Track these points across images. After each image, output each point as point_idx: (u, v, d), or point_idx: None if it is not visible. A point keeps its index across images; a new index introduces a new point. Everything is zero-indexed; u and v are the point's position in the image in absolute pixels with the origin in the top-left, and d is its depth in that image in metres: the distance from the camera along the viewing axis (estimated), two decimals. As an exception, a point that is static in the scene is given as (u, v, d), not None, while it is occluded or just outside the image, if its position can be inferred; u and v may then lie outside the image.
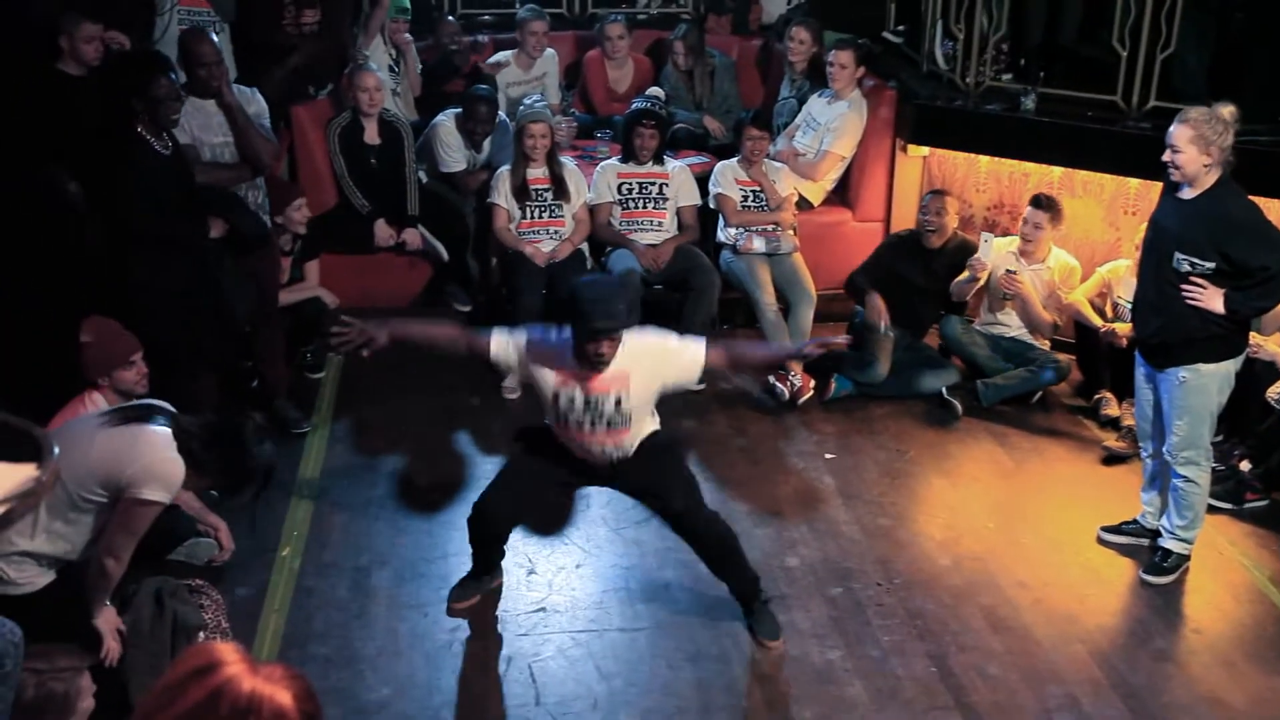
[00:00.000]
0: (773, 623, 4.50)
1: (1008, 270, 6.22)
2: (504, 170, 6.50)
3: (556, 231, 6.51)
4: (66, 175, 5.35)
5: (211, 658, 1.78)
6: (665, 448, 4.43)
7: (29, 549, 3.59)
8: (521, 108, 6.55)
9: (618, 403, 4.15)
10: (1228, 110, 4.46)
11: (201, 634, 3.96)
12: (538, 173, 6.44)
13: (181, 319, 5.03)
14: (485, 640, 4.47)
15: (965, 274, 6.27)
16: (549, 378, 4.18)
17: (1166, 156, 4.49)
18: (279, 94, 6.36)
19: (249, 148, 5.55)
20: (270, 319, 5.86)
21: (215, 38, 5.91)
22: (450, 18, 8.05)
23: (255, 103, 5.71)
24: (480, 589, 4.67)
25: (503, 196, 6.47)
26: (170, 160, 4.94)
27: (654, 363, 4.17)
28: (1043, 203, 6.20)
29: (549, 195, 6.48)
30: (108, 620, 3.76)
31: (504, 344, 4.24)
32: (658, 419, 4.44)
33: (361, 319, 4.29)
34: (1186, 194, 4.54)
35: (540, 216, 6.51)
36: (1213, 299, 4.50)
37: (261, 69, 6.41)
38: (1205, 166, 4.44)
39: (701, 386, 5.79)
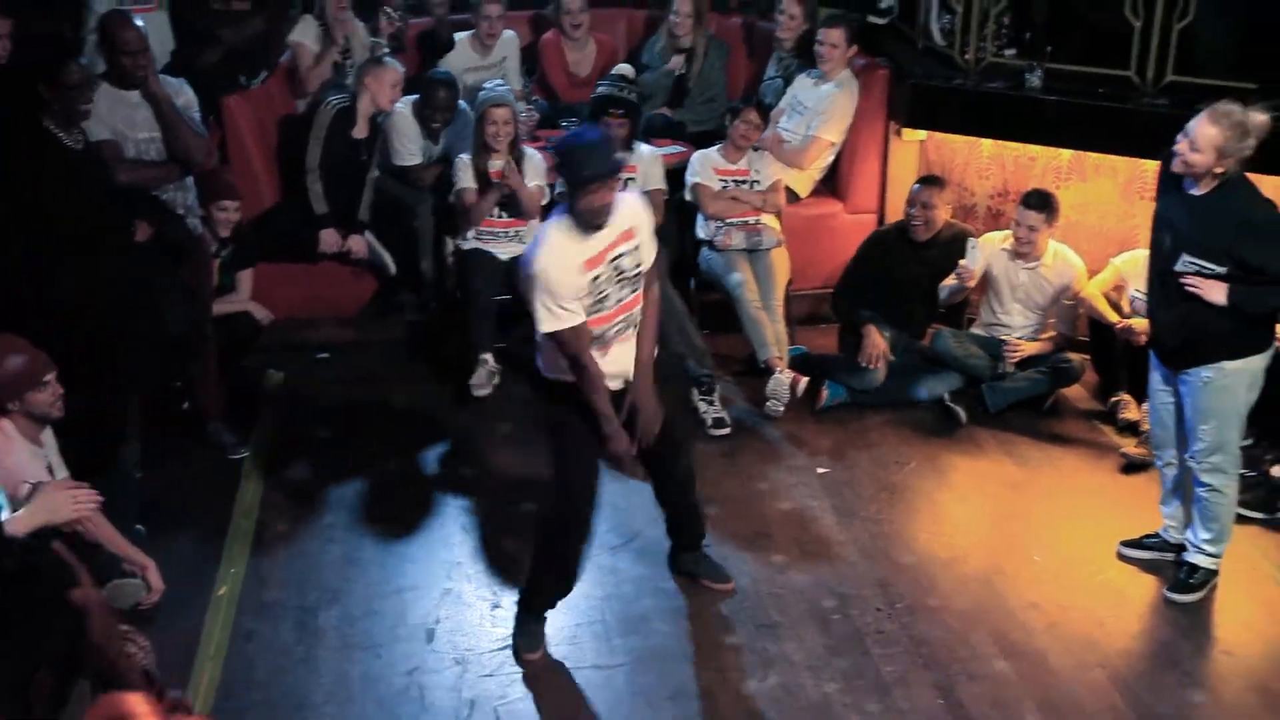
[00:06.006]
0: (718, 567, 4.94)
1: (960, 263, 6.25)
2: (465, 157, 6.47)
3: (518, 233, 6.49)
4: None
5: (119, 710, 1.78)
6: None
7: None
8: (482, 91, 6.52)
9: (635, 255, 4.32)
10: (1260, 120, 4.44)
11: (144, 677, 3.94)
12: (499, 165, 6.43)
13: (104, 333, 4.99)
14: (446, 682, 4.45)
15: (952, 280, 6.29)
16: (581, 272, 4.21)
17: (1181, 147, 4.48)
18: (208, 83, 6.33)
19: (178, 143, 5.53)
20: (203, 334, 5.83)
21: (141, 22, 5.89)
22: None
23: (184, 94, 5.69)
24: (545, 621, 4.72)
25: (469, 180, 6.43)
26: (82, 156, 4.91)
27: (644, 220, 4.40)
28: (1034, 201, 6.21)
29: (507, 191, 6.47)
30: None
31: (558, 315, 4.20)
32: None
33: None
34: (1195, 190, 4.54)
35: (501, 216, 6.49)
36: (1213, 289, 4.51)
37: (188, 55, 6.39)
38: (1215, 174, 4.46)
39: None
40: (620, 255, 4.27)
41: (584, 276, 4.18)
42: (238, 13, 6.79)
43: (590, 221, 4.17)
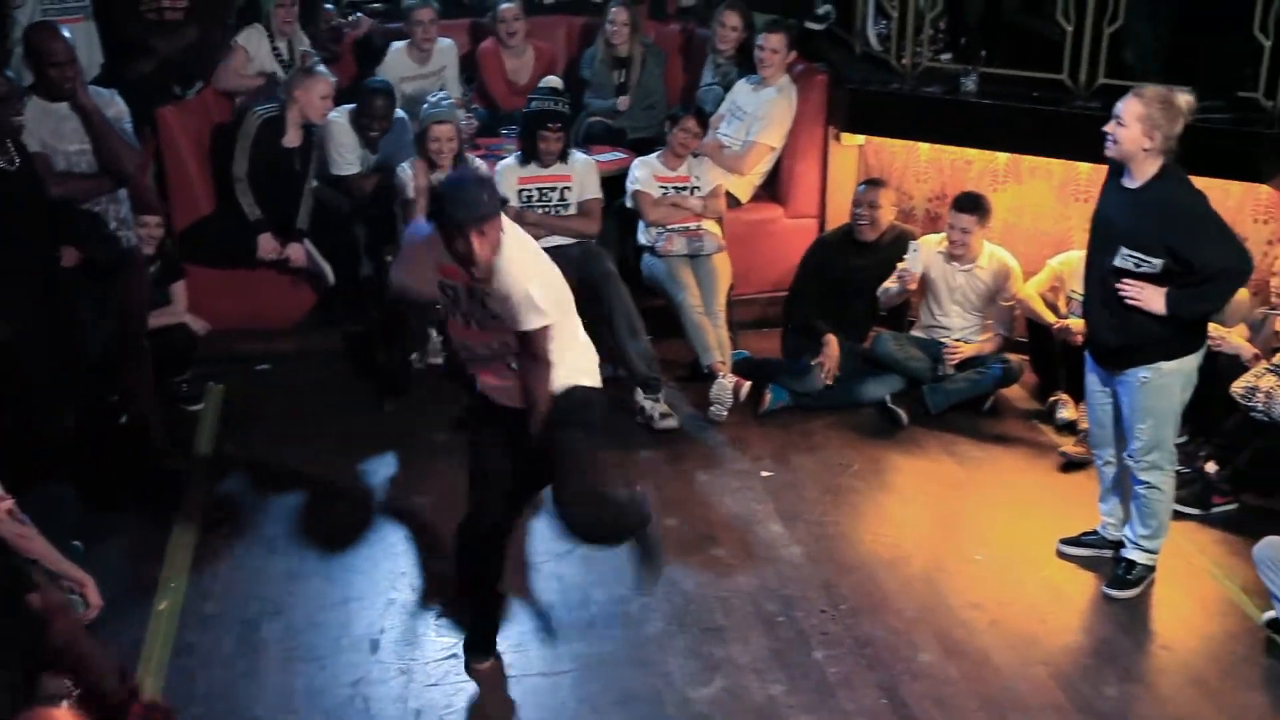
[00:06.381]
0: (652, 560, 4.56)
1: (899, 268, 6.32)
2: (408, 167, 6.41)
3: None
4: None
5: None
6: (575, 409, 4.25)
7: None
8: (426, 105, 6.49)
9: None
10: (1185, 100, 4.55)
11: (65, 703, 3.89)
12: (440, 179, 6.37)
13: (30, 357, 4.94)
14: (391, 693, 4.44)
15: (893, 283, 6.36)
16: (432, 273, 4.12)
17: (1109, 127, 4.59)
18: (142, 94, 6.29)
19: (109, 155, 5.46)
20: (136, 349, 5.77)
21: (68, 32, 5.83)
22: (328, 5, 7.97)
23: (114, 105, 5.62)
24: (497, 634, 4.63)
25: (414, 189, 6.35)
26: (17, 176, 4.85)
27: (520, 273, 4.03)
28: (965, 204, 6.30)
29: None
30: None
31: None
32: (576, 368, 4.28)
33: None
34: (1131, 183, 4.63)
35: None
36: (1153, 298, 4.58)
37: (120, 66, 6.33)
38: (1145, 150, 4.53)
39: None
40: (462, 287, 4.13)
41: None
42: (171, 23, 6.73)
43: (461, 260, 3.97)
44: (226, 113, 7.11)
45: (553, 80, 7.02)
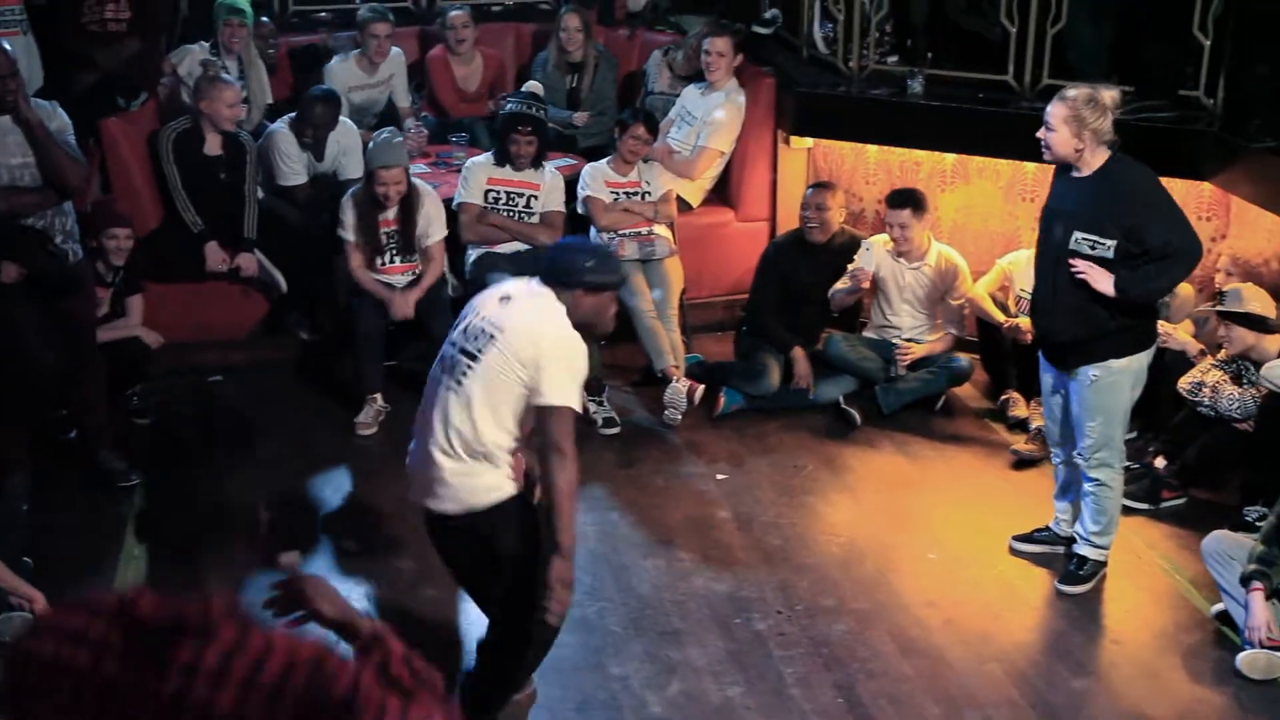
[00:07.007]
0: None
1: (852, 267, 6.38)
2: (347, 204, 6.34)
3: (411, 274, 6.46)
4: None
5: None
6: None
7: None
8: (373, 144, 6.33)
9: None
10: (1110, 95, 4.62)
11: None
12: (389, 214, 6.32)
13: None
14: (347, 703, 4.42)
15: (845, 283, 6.42)
16: None
17: (1040, 133, 4.67)
18: (85, 107, 6.25)
19: (52, 169, 5.41)
20: (87, 362, 5.73)
21: (8, 46, 5.79)
22: (264, 19, 7.93)
23: (57, 118, 5.57)
24: None
25: (352, 230, 6.32)
26: None
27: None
28: (897, 200, 6.37)
29: (399, 240, 6.36)
30: None
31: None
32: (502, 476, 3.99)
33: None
34: (1078, 174, 4.70)
35: (393, 262, 6.42)
36: (1101, 278, 4.63)
37: (61, 76, 6.29)
38: (1078, 150, 4.61)
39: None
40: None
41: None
42: (113, 34, 6.69)
43: (583, 325, 3.88)
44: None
45: (534, 85, 7.06)
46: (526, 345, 3.79)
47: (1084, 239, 4.66)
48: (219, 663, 1.76)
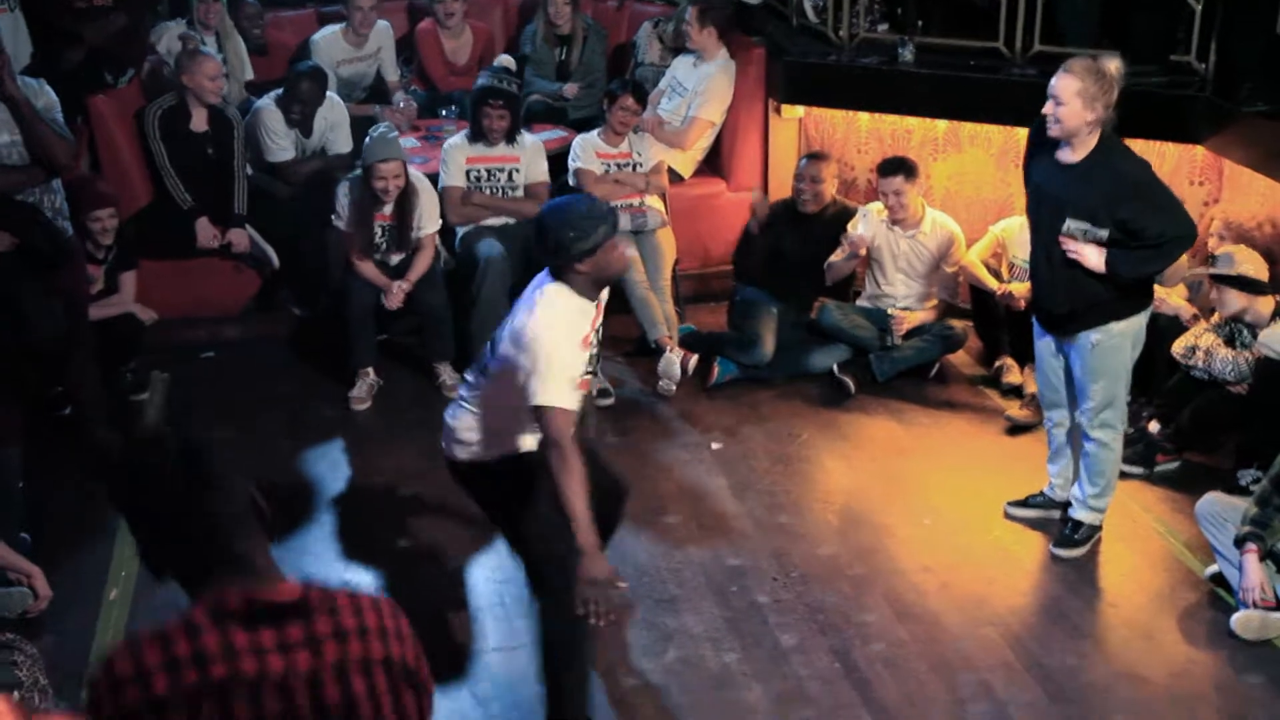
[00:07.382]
0: None
1: (848, 234, 6.39)
2: (343, 191, 6.30)
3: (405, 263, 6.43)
4: None
5: None
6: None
7: None
8: (369, 139, 6.22)
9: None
10: (1114, 64, 4.56)
11: (16, 693, 3.87)
12: (385, 210, 6.29)
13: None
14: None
15: (842, 254, 6.42)
16: (580, 349, 3.95)
17: (1048, 109, 4.57)
18: (73, 84, 6.23)
19: (41, 146, 5.41)
20: (79, 339, 5.73)
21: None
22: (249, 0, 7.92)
23: (44, 95, 5.57)
24: None
25: (346, 224, 6.29)
26: None
27: None
28: (889, 168, 6.36)
29: (394, 235, 6.32)
30: None
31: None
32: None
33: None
34: (1069, 156, 4.64)
35: (387, 251, 6.38)
36: (1094, 255, 4.61)
37: (50, 56, 6.27)
38: (1088, 124, 4.53)
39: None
40: (599, 329, 4.05)
41: (582, 355, 3.92)
42: (99, 9, 6.66)
43: (604, 281, 3.89)
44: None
45: (505, 59, 7.03)
46: (517, 348, 3.83)
47: (1076, 227, 4.65)
48: (332, 628, 2.14)
